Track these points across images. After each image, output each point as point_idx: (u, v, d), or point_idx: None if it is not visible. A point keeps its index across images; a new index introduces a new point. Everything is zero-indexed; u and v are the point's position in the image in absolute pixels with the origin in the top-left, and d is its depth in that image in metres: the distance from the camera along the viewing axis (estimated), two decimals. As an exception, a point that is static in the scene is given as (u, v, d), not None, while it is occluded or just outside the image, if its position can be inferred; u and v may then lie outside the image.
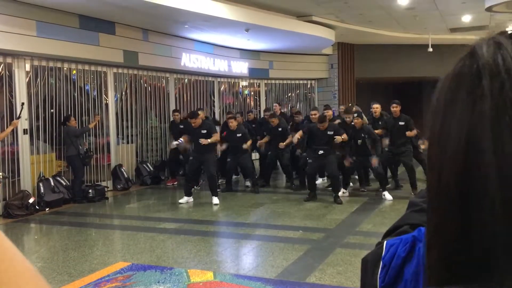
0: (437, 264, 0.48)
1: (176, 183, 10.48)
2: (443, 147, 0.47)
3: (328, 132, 8.03)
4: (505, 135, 0.42)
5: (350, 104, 11.23)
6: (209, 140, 8.13)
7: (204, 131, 8.21)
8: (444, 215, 0.47)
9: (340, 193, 8.31)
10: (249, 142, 9.14)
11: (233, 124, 9.11)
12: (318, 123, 8.13)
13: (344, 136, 8.05)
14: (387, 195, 8.26)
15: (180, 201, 8.39)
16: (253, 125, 10.82)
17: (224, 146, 9.24)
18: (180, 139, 8.76)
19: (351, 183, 9.14)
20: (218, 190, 8.68)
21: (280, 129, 9.54)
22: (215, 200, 8.25)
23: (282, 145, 9.31)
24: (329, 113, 9.64)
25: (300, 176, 9.67)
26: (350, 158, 8.37)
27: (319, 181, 9.57)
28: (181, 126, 9.83)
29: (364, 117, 8.99)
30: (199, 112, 8.98)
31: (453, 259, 0.47)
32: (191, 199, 8.47)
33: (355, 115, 8.39)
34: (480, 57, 0.45)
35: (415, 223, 0.76)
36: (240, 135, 9.11)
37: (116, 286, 4.41)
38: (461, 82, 0.46)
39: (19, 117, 7.68)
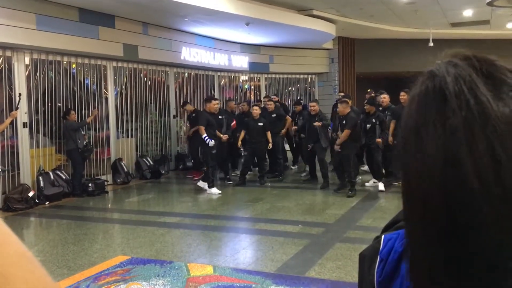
0: (423, 278, 0.49)
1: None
2: (422, 170, 0.48)
3: (344, 122, 8.13)
4: (479, 145, 0.44)
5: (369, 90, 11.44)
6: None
7: (221, 117, 8.97)
8: (431, 245, 0.48)
9: (370, 183, 8.83)
10: (269, 135, 9.29)
11: (256, 112, 9.31)
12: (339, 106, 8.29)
13: (343, 134, 7.96)
14: (381, 186, 8.40)
15: (214, 191, 8.58)
16: (246, 118, 10.66)
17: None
18: (206, 136, 8.45)
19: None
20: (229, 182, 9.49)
21: (274, 115, 9.94)
22: (215, 190, 8.65)
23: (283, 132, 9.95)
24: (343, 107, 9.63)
25: (310, 168, 9.64)
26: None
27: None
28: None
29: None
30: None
31: (438, 271, 0.47)
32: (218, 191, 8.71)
33: (365, 101, 8.70)
34: (441, 78, 0.48)
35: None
36: (261, 124, 9.27)
37: (115, 280, 4.42)
38: (428, 103, 0.49)
39: (18, 108, 7.66)
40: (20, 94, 7.76)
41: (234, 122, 10.14)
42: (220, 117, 9.36)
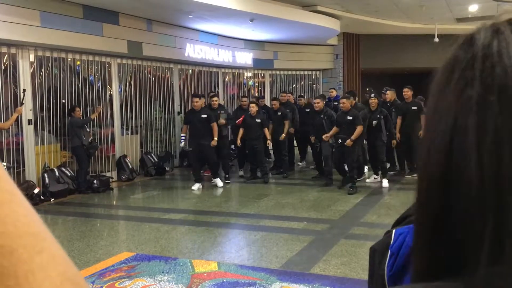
0: (420, 254, 0.48)
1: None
2: (433, 132, 0.46)
3: (348, 117, 7.98)
4: (489, 119, 0.41)
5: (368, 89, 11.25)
6: (216, 139, 8.55)
7: (204, 116, 8.53)
8: (427, 198, 0.47)
9: (371, 179, 8.85)
10: (266, 132, 9.32)
11: (253, 109, 9.26)
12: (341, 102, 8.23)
13: (358, 130, 7.90)
14: (385, 182, 8.38)
15: (193, 187, 8.63)
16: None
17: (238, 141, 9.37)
18: (182, 136, 8.97)
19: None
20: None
21: (279, 113, 9.84)
22: (219, 182, 8.74)
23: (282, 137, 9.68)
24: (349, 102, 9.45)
25: (318, 166, 9.58)
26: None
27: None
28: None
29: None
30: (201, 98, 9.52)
31: (434, 247, 0.46)
32: (201, 185, 8.73)
33: (372, 95, 8.58)
34: (477, 42, 0.45)
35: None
36: (259, 120, 9.26)
37: (120, 276, 4.42)
38: (455, 66, 0.46)
39: (22, 103, 7.68)
40: (24, 90, 7.77)
41: (242, 118, 9.98)
42: (219, 112, 9.30)
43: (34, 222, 0.33)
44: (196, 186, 8.63)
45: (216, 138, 8.58)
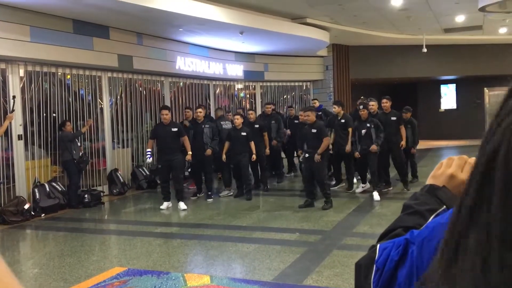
0: None
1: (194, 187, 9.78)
2: (484, 148, 0.49)
3: (312, 130, 7.71)
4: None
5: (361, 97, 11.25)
6: (190, 153, 8.06)
7: (175, 130, 8.02)
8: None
9: (359, 189, 8.88)
10: (252, 146, 8.83)
11: (238, 121, 8.81)
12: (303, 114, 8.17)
13: (324, 143, 7.62)
14: (376, 196, 8.23)
15: (161, 207, 8.20)
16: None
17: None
18: (148, 151, 8.37)
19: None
20: (230, 194, 9.08)
21: (257, 125, 9.55)
22: (182, 205, 8.11)
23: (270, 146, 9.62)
24: (336, 109, 9.28)
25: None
26: (357, 152, 8.54)
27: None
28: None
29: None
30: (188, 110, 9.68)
31: None
32: (170, 204, 8.29)
33: (361, 106, 8.56)
34: None
35: (408, 226, 0.76)
36: (244, 133, 8.80)
37: (112, 292, 4.38)
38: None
39: (13, 110, 7.63)
40: (14, 96, 7.74)
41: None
42: (203, 126, 8.99)
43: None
44: (165, 205, 8.16)
45: (190, 152, 8.05)
